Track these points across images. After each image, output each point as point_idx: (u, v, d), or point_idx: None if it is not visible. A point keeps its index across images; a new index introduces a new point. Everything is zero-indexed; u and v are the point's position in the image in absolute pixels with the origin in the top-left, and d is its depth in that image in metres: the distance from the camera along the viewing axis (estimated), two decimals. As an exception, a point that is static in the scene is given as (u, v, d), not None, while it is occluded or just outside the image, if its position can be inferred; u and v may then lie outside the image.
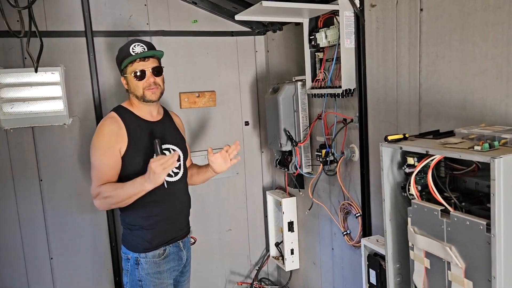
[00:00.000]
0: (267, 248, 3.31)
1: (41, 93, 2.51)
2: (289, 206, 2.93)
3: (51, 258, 2.68)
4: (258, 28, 3.07)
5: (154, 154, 1.80)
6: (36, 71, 1.67)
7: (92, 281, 2.79)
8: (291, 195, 2.95)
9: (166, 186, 1.83)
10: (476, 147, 1.16)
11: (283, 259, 3.03)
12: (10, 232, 2.58)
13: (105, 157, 1.87)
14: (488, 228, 1.12)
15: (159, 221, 1.99)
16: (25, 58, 2.50)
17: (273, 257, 3.19)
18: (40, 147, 2.60)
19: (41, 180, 2.62)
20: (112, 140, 1.89)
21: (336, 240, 2.50)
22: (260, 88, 3.19)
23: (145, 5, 2.80)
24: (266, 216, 3.25)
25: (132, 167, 1.91)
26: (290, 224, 2.95)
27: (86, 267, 2.78)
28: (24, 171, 2.57)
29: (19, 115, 2.47)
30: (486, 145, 1.14)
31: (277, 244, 3.16)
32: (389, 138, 1.42)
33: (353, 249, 2.31)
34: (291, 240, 2.97)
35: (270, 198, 3.14)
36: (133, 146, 1.92)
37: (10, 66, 2.44)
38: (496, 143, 1.16)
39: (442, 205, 1.31)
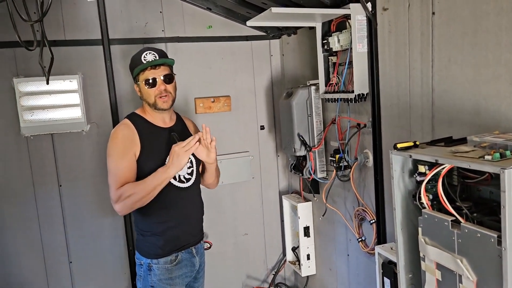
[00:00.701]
0: (284, 253, 3.29)
1: (60, 100, 2.58)
2: (305, 211, 2.90)
3: (70, 262, 2.75)
4: (273, 32, 3.07)
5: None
6: (47, 82, 1.71)
7: (110, 285, 2.85)
8: (306, 200, 2.93)
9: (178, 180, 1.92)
10: (486, 157, 1.12)
11: (299, 264, 3.01)
12: (30, 237, 2.67)
13: (121, 162, 1.90)
14: (500, 240, 1.08)
15: (171, 227, 2.00)
16: (44, 67, 2.56)
17: (289, 262, 3.17)
18: (59, 153, 2.67)
19: (60, 186, 2.69)
20: (127, 144, 1.92)
21: (351, 246, 2.47)
22: (275, 92, 3.18)
23: (161, 12, 2.83)
24: (282, 221, 3.23)
25: (144, 172, 1.93)
26: (306, 229, 2.92)
27: (104, 271, 2.83)
28: (43, 177, 2.65)
29: (39, 123, 2.55)
30: (497, 154, 1.10)
31: (293, 249, 3.14)
32: (399, 146, 1.38)
33: (368, 256, 2.27)
34: (307, 245, 2.94)
35: (286, 203, 3.13)
36: (146, 152, 1.94)
37: (30, 75, 2.52)
38: (508, 152, 1.11)
39: (453, 215, 1.27)
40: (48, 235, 2.69)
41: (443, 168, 1.28)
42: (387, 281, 1.96)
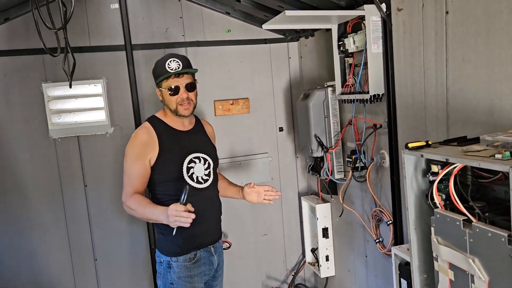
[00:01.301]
0: (303, 254, 3.30)
1: (85, 104, 2.69)
2: (323, 212, 2.91)
3: (96, 260, 2.86)
4: (291, 35, 3.09)
5: (181, 198, 1.80)
6: (70, 86, 1.80)
7: (133, 282, 2.94)
8: (325, 201, 2.94)
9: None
10: (497, 155, 1.11)
11: (318, 265, 3.02)
12: (58, 235, 2.79)
13: (135, 165, 1.97)
14: (510, 240, 1.08)
15: (190, 227, 2.04)
16: (73, 72, 2.68)
17: (309, 263, 3.18)
18: (84, 155, 2.78)
19: (86, 186, 2.80)
20: (143, 150, 1.98)
21: (369, 247, 2.46)
22: (294, 94, 3.20)
23: (181, 17, 2.91)
24: (301, 222, 3.25)
25: (163, 174, 1.99)
26: (325, 230, 2.93)
27: (128, 268, 2.93)
28: (70, 177, 2.77)
29: (66, 125, 2.66)
30: (507, 153, 1.09)
31: (313, 250, 3.15)
32: (410, 145, 1.39)
33: (386, 257, 2.26)
34: (326, 247, 2.95)
35: (305, 204, 3.14)
36: (164, 155, 2.00)
37: (57, 80, 2.63)
38: (519, 151, 1.11)
39: (465, 215, 1.26)
40: (74, 233, 2.81)
41: (455, 167, 1.28)
42: (404, 283, 1.95)
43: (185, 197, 1.80)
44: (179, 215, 1.77)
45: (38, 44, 2.01)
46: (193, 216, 1.80)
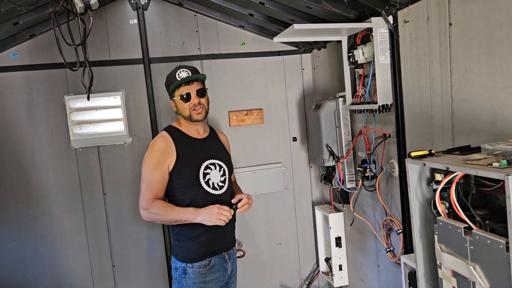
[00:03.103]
0: (317, 263, 3.31)
1: (105, 115, 2.81)
2: (336, 221, 2.93)
3: (114, 266, 2.95)
4: (304, 47, 3.15)
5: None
6: (88, 98, 1.90)
7: (150, 289, 3.02)
8: (338, 210, 2.95)
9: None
10: (494, 164, 1.14)
11: (332, 274, 3.03)
12: (78, 242, 2.89)
13: (154, 172, 2.05)
14: (508, 247, 1.09)
15: (205, 232, 2.10)
16: (92, 85, 2.81)
17: (322, 272, 3.19)
18: (104, 164, 2.89)
19: (105, 194, 2.90)
20: (162, 157, 2.06)
21: (381, 256, 2.47)
22: (307, 104, 3.24)
23: (196, 31, 3.01)
24: (315, 231, 3.27)
25: (179, 180, 2.06)
26: (338, 240, 2.94)
27: (145, 274, 3.00)
28: (90, 185, 2.88)
29: (86, 136, 2.78)
30: (504, 161, 1.12)
31: (327, 259, 3.16)
32: (413, 154, 1.42)
33: (397, 266, 2.27)
34: (339, 256, 2.96)
35: (318, 213, 3.16)
36: (182, 161, 2.08)
37: (79, 93, 2.76)
38: (516, 159, 1.13)
39: (467, 222, 1.28)
40: (94, 240, 2.91)
41: (456, 175, 1.30)
42: (413, 291, 1.95)
43: (234, 207, 2.07)
44: (224, 214, 1.98)
45: (61, 59, 2.14)
46: (230, 216, 2.02)
